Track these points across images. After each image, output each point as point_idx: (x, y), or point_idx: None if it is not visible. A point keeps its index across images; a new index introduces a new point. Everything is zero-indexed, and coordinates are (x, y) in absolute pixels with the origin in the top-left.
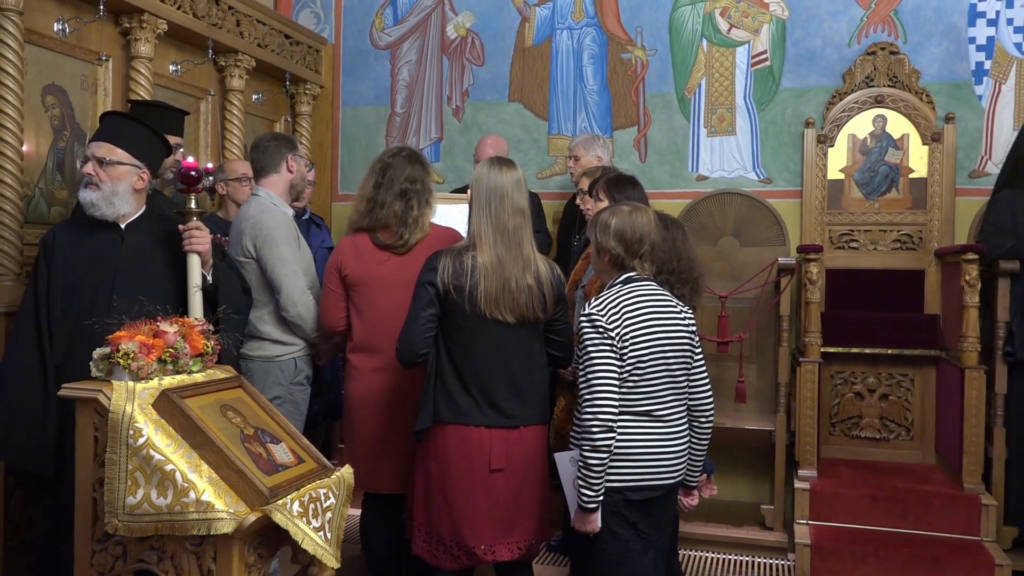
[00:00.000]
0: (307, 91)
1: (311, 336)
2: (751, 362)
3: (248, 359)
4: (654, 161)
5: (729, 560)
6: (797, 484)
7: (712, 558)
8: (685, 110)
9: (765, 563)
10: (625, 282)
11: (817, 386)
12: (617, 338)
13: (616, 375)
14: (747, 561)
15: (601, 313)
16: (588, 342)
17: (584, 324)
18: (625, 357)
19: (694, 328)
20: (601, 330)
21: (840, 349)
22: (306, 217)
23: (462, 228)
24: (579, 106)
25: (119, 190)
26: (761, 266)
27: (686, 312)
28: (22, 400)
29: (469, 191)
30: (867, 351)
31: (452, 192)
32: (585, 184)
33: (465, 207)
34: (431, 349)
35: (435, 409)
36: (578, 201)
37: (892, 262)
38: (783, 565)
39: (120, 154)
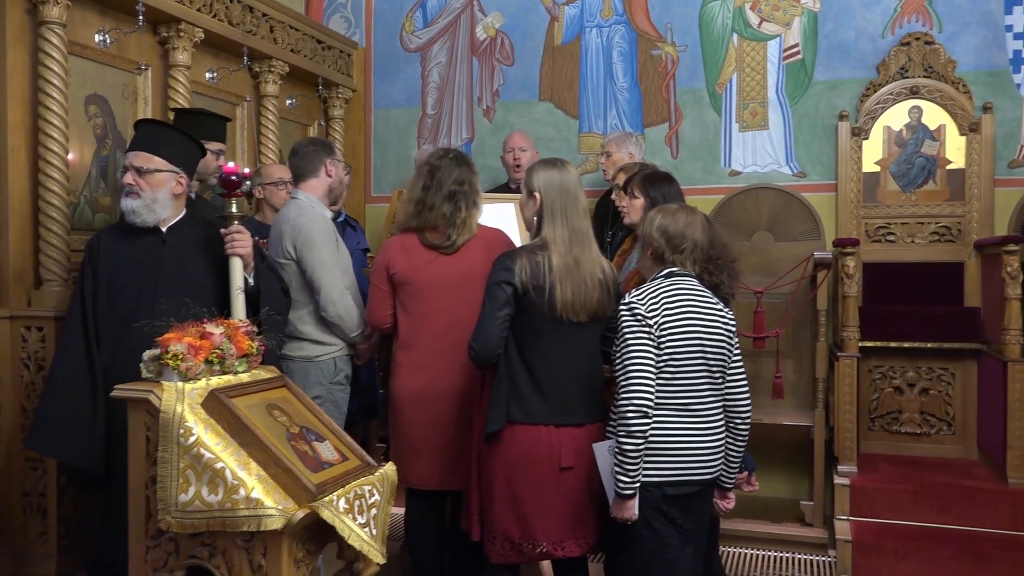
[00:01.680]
0: (339, 95)
1: (350, 336)
2: (788, 357)
3: (288, 359)
4: (686, 157)
5: (769, 556)
6: (837, 480)
7: (752, 554)
8: (716, 105)
9: (805, 559)
10: (667, 276)
11: (856, 381)
12: (655, 327)
13: (652, 363)
14: (787, 557)
15: (641, 302)
16: (626, 330)
17: (623, 312)
18: (662, 347)
19: (734, 328)
20: (639, 318)
21: (878, 343)
22: (341, 219)
23: (502, 227)
24: (609, 104)
25: (159, 197)
26: (796, 261)
27: (727, 312)
28: (72, 400)
29: (537, 194)
30: (906, 345)
31: (485, 193)
32: (621, 180)
33: (503, 206)
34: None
35: (507, 410)
36: (614, 196)
37: (930, 255)
38: (824, 561)
39: (157, 161)
